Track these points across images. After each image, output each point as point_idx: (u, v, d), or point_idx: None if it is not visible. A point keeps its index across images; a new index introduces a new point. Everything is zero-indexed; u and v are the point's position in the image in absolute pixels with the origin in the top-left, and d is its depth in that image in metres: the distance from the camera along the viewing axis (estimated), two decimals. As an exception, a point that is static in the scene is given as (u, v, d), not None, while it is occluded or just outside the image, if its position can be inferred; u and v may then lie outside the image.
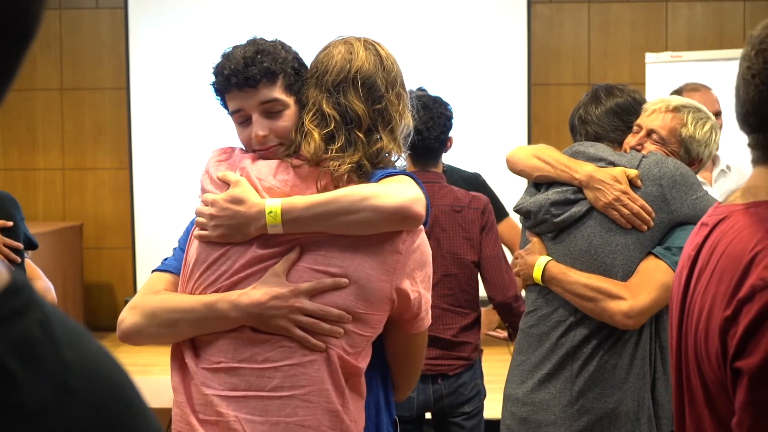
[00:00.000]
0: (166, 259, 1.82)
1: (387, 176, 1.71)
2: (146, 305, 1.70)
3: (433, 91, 3.13)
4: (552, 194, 2.33)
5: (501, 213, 3.46)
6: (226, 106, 1.78)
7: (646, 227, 2.22)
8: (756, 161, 1.26)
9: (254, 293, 1.62)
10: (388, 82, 1.74)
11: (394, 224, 1.65)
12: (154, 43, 6.27)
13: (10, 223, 2.71)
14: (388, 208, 1.61)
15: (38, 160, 6.69)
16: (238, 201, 1.65)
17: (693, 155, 2.36)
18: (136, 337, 1.71)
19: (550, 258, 2.32)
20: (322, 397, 1.63)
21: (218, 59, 1.74)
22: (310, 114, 1.70)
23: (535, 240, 2.38)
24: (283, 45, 1.76)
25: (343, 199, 1.61)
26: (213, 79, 1.74)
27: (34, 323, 0.54)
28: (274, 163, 1.71)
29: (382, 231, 1.65)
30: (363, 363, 1.69)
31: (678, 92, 3.51)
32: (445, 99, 3.10)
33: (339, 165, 1.65)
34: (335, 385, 1.64)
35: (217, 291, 1.66)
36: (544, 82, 6.48)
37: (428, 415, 3.12)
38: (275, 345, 1.63)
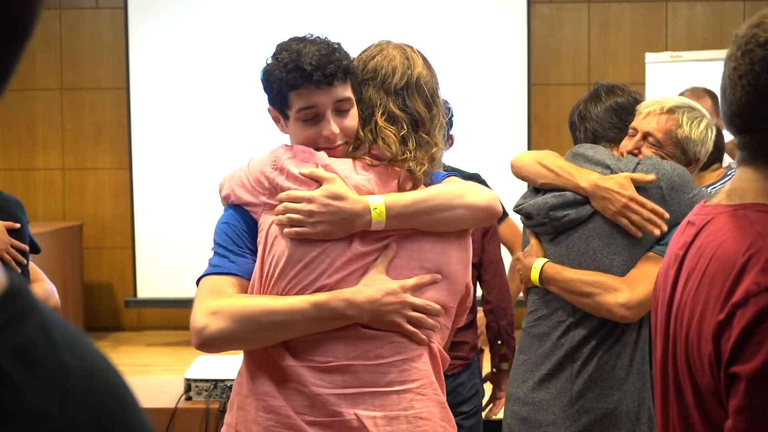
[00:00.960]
0: (212, 261, 1.73)
1: (446, 177, 1.78)
2: (235, 309, 1.63)
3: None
4: (550, 198, 2.33)
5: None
6: (283, 103, 1.72)
7: (658, 231, 2.20)
8: (741, 162, 1.26)
9: (368, 290, 1.63)
10: (437, 86, 1.81)
11: (481, 221, 1.78)
12: (154, 43, 6.27)
13: (18, 225, 2.75)
14: (479, 205, 1.72)
15: (38, 160, 6.69)
16: (339, 197, 1.64)
17: (690, 155, 2.36)
18: (226, 343, 1.65)
19: (546, 260, 2.32)
20: (432, 390, 1.69)
21: (281, 55, 1.69)
22: (380, 114, 1.72)
23: (533, 242, 2.39)
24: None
25: (441, 197, 1.69)
26: (280, 74, 1.68)
27: (33, 327, 0.54)
28: (349, 161, 1.72)
29: (468, 227, 1.76)
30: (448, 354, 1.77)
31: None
32: (444, 98, 3.10)
33: (417, 165, 1.70)
34: (438, 378, 1.71)
35: (318, 290, 1.64)
36: (544, 82, 6.48)
37: None
38: (385, 341, 1.66)
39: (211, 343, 1.64)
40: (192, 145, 6.19)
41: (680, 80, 4.00)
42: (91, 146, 6.69)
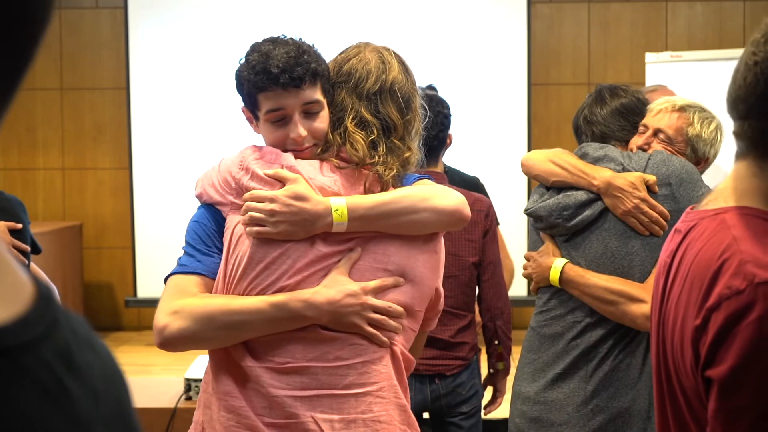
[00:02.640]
0: (180, 260, 1.75)
1: (417, 180, 1.76)
2: (195, 309, 1.63)
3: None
4: (562, 198, 2.33)
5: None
6: (253, 104, 1.73)
7: (662, 232, 2.24)
8: (737, 156, 1.25)
9: (328, 291, 1.61)
10: (414, 91, 1.78)
11: (448, 225, 1.74)
12: (154, 43, 6.27)
13: (20, 225, 2.75)
14: (445, 209, 1.69)
15: (38, 160, 6.69)
16: (301, 197, 1.63)
17: (699, 154, 2.37)
18: (186, 342, 1.65)
19: (566, 260, 2.32)
20: (392, 393, 1.67)
21: (252, 56, 1.70)
22: (351, 119, 1.71)
23: (548, 242, 2.38)
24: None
25: (405, 200, 1.67)
26: (248, 75, 1.69)
27: (67, 331, 0.53)
28: (316, 162, 1.71)
29: (435, 231, 1.73)
30: (413, 356, 1.75)
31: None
32: (444, 98, 3.11)
33: (386, 170, 1.68)
34: (400, 380, 1.69)
35: (279, 290, 1.63)
36: (544, 82, 6.47)
37: (425, 415, 3.12)
38: (345, 343, 1.64)
39: (172, 343, 1.64)
40: (192, 144, 6.18)
41: (680, 80, 3.99)
42: (91, 146, 6.69)
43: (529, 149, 5.78)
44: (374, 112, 1.72)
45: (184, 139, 6.23)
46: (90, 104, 6.66)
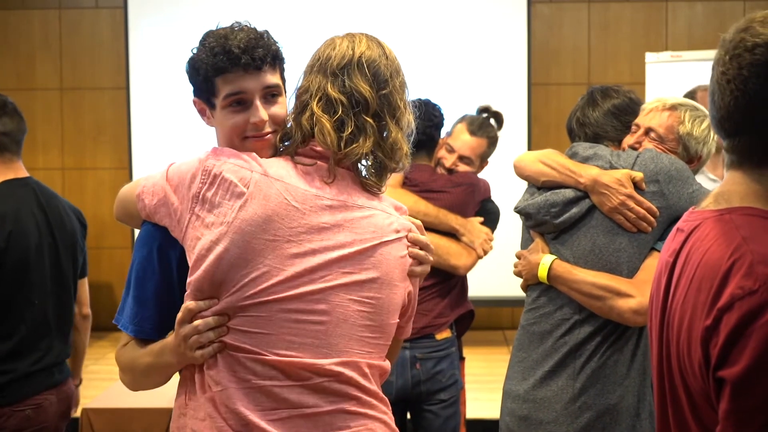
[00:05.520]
0: (122, 310, 1.77)
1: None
2: (122, 360, 1.70)
3: (433, 92, 3.15)
4: (550, 195, 2.34)
5: None
6: (210, 91, 1.67)
7: (650, 228, 2.24)
8: (730, 165, 1.25)
9: (174, 334, 1.61)
10: (392, 69, 1.68)
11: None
12: (154, 43, 6.27)
13: None
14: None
15: (38, 159, 6.69)
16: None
17: (692, 153, 2.37)
18: (134, 388, 1.73)
19: (555, 257, 2.32)
20: (366, 407, 1.61)
21: (208, 41, 1.65)
22: (317, 100, 1.62)
23: (537, 239, 2.39)
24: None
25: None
26: (206, 58, 1.63)
27: None
28: (288, 165, 1.62)
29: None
30: (388, 362, 1.69)
31: (692, 93, 3.51)
32: (443, 99, 3.15)
33: (356, 149, 1.59)
34: (374, 395, 1.63)
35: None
36: (544, 82, 6.48)
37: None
38: (303, 388, 1.57)
39: (129, 389, 1.72)
40: (192, 144, 6.18)
41: (680, 80, 3.99)
42: (90, 146, 6.69)
43: (530, 149, 5.78)
44: (340, 88, 1.62)
45: (183, 139, 6.23)
46: (90, 104, 6.66)
